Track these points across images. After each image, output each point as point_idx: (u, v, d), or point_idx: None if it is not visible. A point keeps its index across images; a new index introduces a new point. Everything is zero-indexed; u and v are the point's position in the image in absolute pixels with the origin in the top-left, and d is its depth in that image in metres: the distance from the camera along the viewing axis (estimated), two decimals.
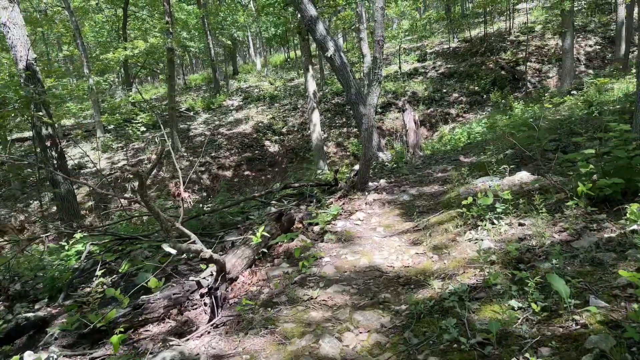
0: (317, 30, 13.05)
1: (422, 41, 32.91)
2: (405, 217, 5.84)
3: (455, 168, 7.99)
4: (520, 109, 17.82)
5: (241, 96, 28.93)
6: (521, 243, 4.02)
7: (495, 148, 8.25)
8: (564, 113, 13.09)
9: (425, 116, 24.33)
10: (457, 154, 9.67)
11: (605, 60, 24.75)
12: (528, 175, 5.95)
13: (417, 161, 10.04)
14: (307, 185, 7.89)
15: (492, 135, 11.66)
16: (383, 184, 7.75)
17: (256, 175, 22.54)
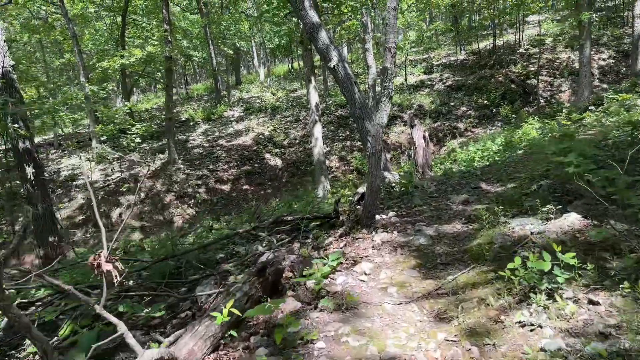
0: (319, 39, 11.77)
1: (429, 53, 31.66)
2: (423, 271, 4.48)
3: (478, 199, 6.62)
4: (533, 125, 16.49)
5: (242, 107, 27.68)
6: (607, 343, 2.66)
7: (526, 176, 6.88)
8: (590, 132, 11.73)
9: (432, 130, 22.99)
10: (475, 178, 8.29)
11: (619, 75, 23.40)
12: (580, 219, 4.60)
13: (429, 186, 8.68)
14: (302, 218, 6.53)
15: (514, 157, 10.29)
16: (392, 217, 6.39)
17: (255, 190, 21.21)
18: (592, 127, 12.41)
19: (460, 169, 11.60)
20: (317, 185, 17.45)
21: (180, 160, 21.87)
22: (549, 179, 6.37)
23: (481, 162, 12.15)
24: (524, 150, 12.65)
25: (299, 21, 28.80)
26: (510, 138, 13.49)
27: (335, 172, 21.89)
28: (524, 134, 15.47)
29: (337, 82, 12.28)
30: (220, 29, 27.26)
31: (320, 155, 17.40)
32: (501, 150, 12.35)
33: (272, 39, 35.16)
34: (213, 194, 20.67)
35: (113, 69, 21.87)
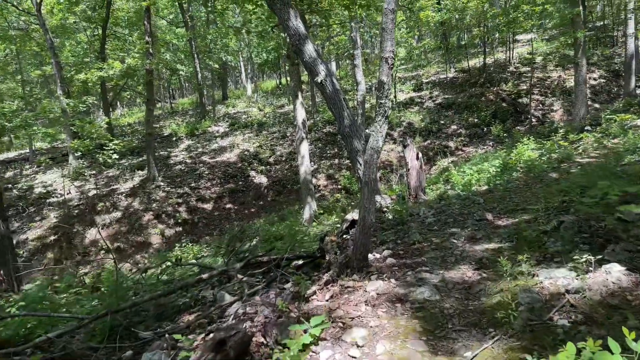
0: (305, 51, 10.82)
1: (418, 70, 31.00)
2: (432, 342, 3.44)
3: (487, 235, 5.62)
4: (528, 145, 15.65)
5: (228, 122, 26.64)
6: None
7: (539, 208, 5.91)
8: (593, 154, 10.88)
9: (422, 149, 22.11)
10: (478, 207, 7.32)
11: (610, 94, 22.83)
12: (626, 272, 3.62)
13: (426, 214, 7.69)
14: (281, 259, 5.45)
15: (514, 181, 9.36)
16: (388, 258, 5.36)
17: (239, 209, 20.09)
18: (593, 149, 11.57)
19: (456, 192, 10.64)
20: (304, 205, 16.40)
21: (161, 177, 20.71)
22: (569, 213, 5.40)
23: (479, 186, 11.21)
24: (521, 172, 11.77)
25: (285, 35, 27.95)
26: (507, 159, 12.59)
27: (322, 191, 20.87)
28: (519, 154, 14.62)
29: (324, 98, 11.33)
30: (205, 42, 26.30)
31: (306, 174, 16.39)
32: (499, 173, 11.44)
33: (260, 54, 34.35)
34: (194, 214, 19.51)
35: (92, 82, 20.77)
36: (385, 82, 4.59)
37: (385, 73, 4.57)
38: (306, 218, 16.17)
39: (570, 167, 9.40)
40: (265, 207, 20.23)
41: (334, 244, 6.35)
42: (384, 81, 4.59)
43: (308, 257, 5.64)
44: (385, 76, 4.57)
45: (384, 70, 4.58)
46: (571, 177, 7.63)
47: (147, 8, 20.06)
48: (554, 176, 8.71)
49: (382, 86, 4.64)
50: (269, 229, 16.37)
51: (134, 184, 20.55)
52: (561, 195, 6.54)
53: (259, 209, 20.07)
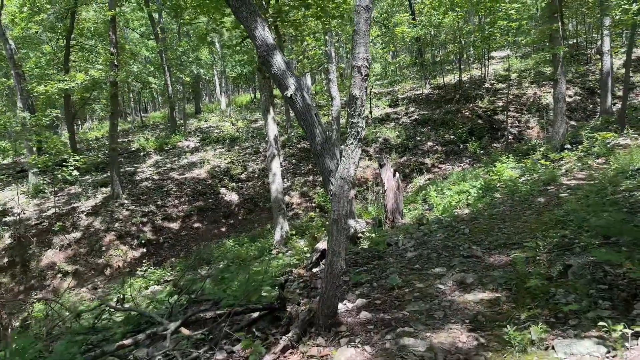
0: (274, 63, 9.85)
1: (393, 86, 30.40)
2: None
3: (479, 280, 4.67)
4: (507, 164, 14.95)
5: (199, 137, 25.45)
6: None
7: (536, 244, 5.00)
8: (579, 175, 10.14)
9: (398, 165, 21.33)
10: (464, 239, 6.40)
11: (586, 111, 22.50)
12: None
13: (405, 245, 6.75)
14: (228, 315, 4.36)
15: (499, 205, 8.50)
16: (362, 311, 4.34)
17: (208, 228, 18.88)
18: (579, 169, 10.85)
19: (436, 216, 9.75)
20: (275, 225, 15.32)
21: (125, 195, 19.37)
22: (574, 253, 4.51)
23: (459, 208, 10.35)
24: (503, 193, 10.98)
25: None
26: (488, 180, 11.79)
27: (296, 209, 19.83)
28: (498, 173, 13.89)
29: (295, 114, 10.40)
30: (176, 54, 25.17)
31: (278, 193, 15.34)
32: (480, 195, 10.60)
33: (234, 68, 33.34)
34: (159, 234, 18.21)
35: (53, 94, 19.40)
36: (357, 96, 3.64)
37: (358, 85, 3.62)
38: (277, 239, 15.09)
39: (559, 191, 8.59)
40: (236, 226, 19.07)
41: (300, 284, 5.35)
42: (357, 95, 3.64)
43: (265, 309, 4.57)
44: (358, 89, 3.62)
45: (356, 81, 3.63)
46: (565, 205, 6.78)
47: (113, 18, 18.88)
48: (542, 201, 7.88)
49: (354, 101, 3.69)
50: (237, 251, 15.26)
51: (96, 202, 19.16)
52: (558, 227, 5.67)
53: (229, 228, 18.89)
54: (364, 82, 3.67)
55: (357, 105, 3.71)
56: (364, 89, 3.67)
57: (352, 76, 3.71)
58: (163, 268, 15.85)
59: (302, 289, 5.70)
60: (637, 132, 14.17)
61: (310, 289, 5.58)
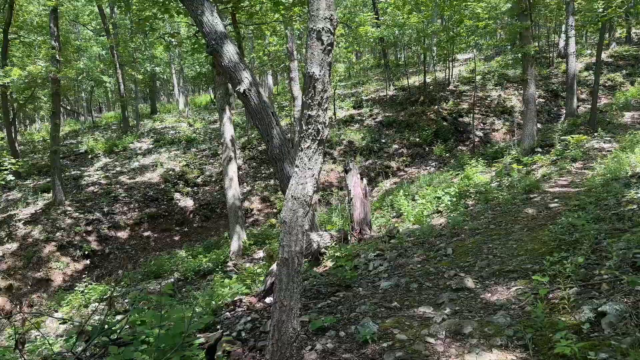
0: (224, 54, 8.51)
1: (358, 87, 29.40)
2: None
3: (480, 327, 3.51)
4: (477, 168, 14.08)
5: (153, 138, 23.67)
6: None
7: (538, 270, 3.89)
8: (561, 181, 9.23)
9: (363, 169, 20.25)
10: (448, 262, 5.25)
11: (550, 114, 22.06)
12: None
13: (379, 268, 5.57)
14: None
15: (481, 214, 7.42)
16: None
17: (159, 237, 17.25)
18: (559, 174, 9.97)
19: (408, 228, 8.63)
20: (231, 235, 13.91)
21: (68, 201, 17.50)
22: (601, 291, 3.40)
23: (431, 217, 9.28)
24: (476, 201, 9.99)
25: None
26: (461, 186, 10.77)
27: (256, 215, 18.45)
28: (467, 177, 12.97)
29: (248, 113, 9.08)
30: (128, 51, 23.31)
31: (235, 199, 13.95)
32: (454, 203, 9.55)
33: (193, 66, 31.58)
34: (105, 244, 16.46)
35: None
36: (317, 76, 2.41)
37: (318, 60, 2.39)
38: (234, 250, 13.70)
39: (544, 200, 7.60)
40: (191, 234, 17.52)
41: (247, 323, 4.08)
42: (316, 75, 2.40)
43: None
44: (318, 65, 2.39)
45: (314, 54, 2.39)
46: (561, 218, 5.75)
47: (54, 9, 17.04)
48: (531, 212, 6.84)
49: (312, 84, 2.43)
50: (191, 263, 13.75)
51: (36, 209, 17.22)
52: (563, 249, 4.59)
53: (183, 237, 17.32)
54: (326, 55, 2.43)
55: (317, 90, 2.47)
56: (326, 65, 2.43)
57: (309, 46, 2.46)
58: (106, 283, 14.19)
59: (249, 331, 4.41)
60: (609, 135, 13.55)
61: (260, 333, 4.30)
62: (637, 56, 24.34)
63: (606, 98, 21.65)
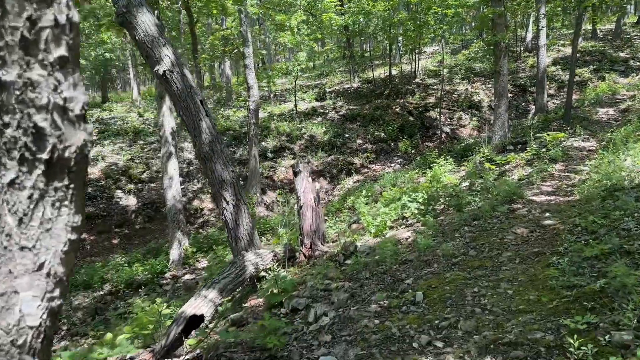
0: (139, 24, 6.62)
1: (322, 79, 27.66)
2: None
3: None
4: (445, 167, 12.64)
5: (97, 129, 21.33)
6: None
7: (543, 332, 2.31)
8: (546, 187, 7.76)
9: (325, 165, 18.62)
10: (419, 319, 3.62)
11: (518, 109, 20.90)
12: None
13: (323, 320, 3.92)
14: None
15: (459, 235, 5.83)
16: None
17: (96, 240, 15.15)
18: (541, 178, 8.53)
19: (369, 243, 6.99)
20: (172, 241, 12.01)
21: None
22: None
23: (399, 230, 7.68)
24: (446, 206, 8.48)
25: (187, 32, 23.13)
26: (428, 190, 9.20)
27: (207, 216, 16.56)
28: (434, 177, 11.49)
29: (171, 99, 7.25)
30: None
31: (176, 201, 12.06)
32: (422, 211, 7.98)
33: None
34: None
35: None
36: None
37: None
38: (174, 259, 11.82)
39: (532, 213, 6.10)
40: (132, 236, 15.49)
41: None
42: None
43: None
44: None
45: None
46: (564, 246, 4.21)
47: None
48: (520, 233, 5.31)
49: None
50: (122, 274, 11.78)
51: None
52: (585, 305, 3.01)
53: (122, 240, 15.28)
54: None
55: None
56: None
57: None
58: None
59: None
60: (587, 133, 12.29)
61: None
62: (604, 52, 23.48)
63: (575, 94, 20.64)
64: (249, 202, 16.51)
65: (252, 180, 16.69)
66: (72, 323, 9.80)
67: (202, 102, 6.59)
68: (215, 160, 6.61)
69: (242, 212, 6.79)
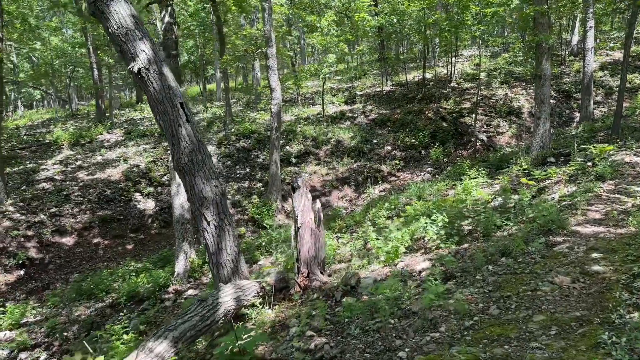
0: (112, 14, 5.60)
1: (353, 82, 26.50)
2: None
3: None
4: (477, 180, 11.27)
5: (124, 130, 20.97)
6: None
7: None
8: (592, 213, 6.38)
9: (350, 172, 17.49)
10: None
11: (562, 117, 19.10)
12: None
13: None
14: None
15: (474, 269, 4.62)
16: None
17: (110, 245, 14.58)
18: (586, 201, 7.11)
19: (375, 276, 5.86)
20: (177, 253, 11.18)
21: (11, 200, 14.87)
22: None
23: (415, 257, 6.50)
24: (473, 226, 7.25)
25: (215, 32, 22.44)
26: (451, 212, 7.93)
27: None
28: (465, 191, 10.18)
29: (148, 101, 6.31)
30: (99, 30, 20.55)
31: (184, 210, 11.23)
32: (443, 237, 6.76)
33: (180, 53, 28.73)
34: (47, 251, 13.83)
35: None
36: None
37: None
38: (179, 271, 10.97)
39: (577, 252, 4.80)
40: (147, 242, 14.84)
41: None
42: None
43: None
44: None
45: None
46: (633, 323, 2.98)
47: None
48: (559, 282, 4.05)
49: None
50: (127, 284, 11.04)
51: None
52: None
53: (137, 245, 14.65)
54: None
55: None
56: None
57: None
58: (27, 303, 11.55)
59: None
60: None
61: None
62: None
63: (626, 101, 18.65)
64: (269, 209, 15.59)
65: (273, 186, 15.76)
66: (65, 338, 9.08)
67: (182, 106, 5.62)
68: (196, 173, 5.63)
69: (226, 234, 5.78)
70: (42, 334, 9.65)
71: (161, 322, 8.58)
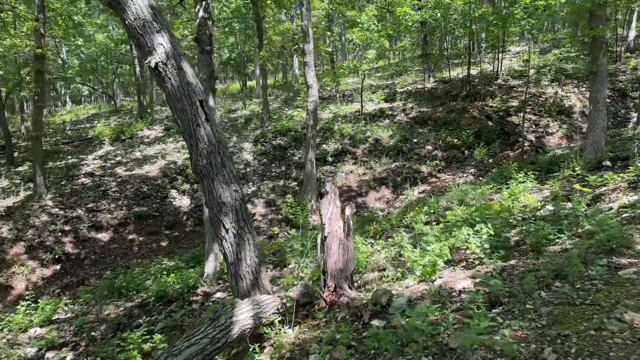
0: (128, 5, 5.31)
1: (395, 78, 25.65)
2: None
3: None
4: (525, 184, 10.37)
5: (164, 126, 21.05)
6: None
7: None
8: None
9: (388, 172, 16.77)
10: None
11: (617, 117, 17.64)
12: None
13: None
14: None
15: (531, 293, 3.93)
16: None
17: (145, 241, 14.52)
18: None
19: (410, 295, 5.25)
20: (207, 253, 10.86)
21: (50, 195, 15.08)
22: None
23: (455, 271, 5.83)
24: (522, 237, 6.50)
25: (255, 29, 22.26)
26: (498, 222, 7.16)
27: (259, 222, 15.40)
28: (512, 196, 9.35)
29: (166, 97, 5.90)
30: None
31: None
32: (489, 252, 6.05)
33: (221, 50, 28.82)
34: (83, 246, 13.91)
35: None
36: None
37: None
38: (209, 272, 10.64)
39: None
40: (181, 239, 14.70)
41: None
42: None
43: None
44: None
45: None
46: None
47: None
48: (629, 320, 3.32)
49: None
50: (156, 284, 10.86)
51: (15, 202, 14.91)
52: None
53: (171, 243, 14.53)
54: None
55: None
56: None
57: None
58: (62, 297, 11.57)
59: None
60: None
61: None
62: None
63: None
64: (303, 209, 15.14)
65: (308, 185, 15.28)
66: (92, 338, 8.92)
67: (202, 104, 5.16)
68: (214, 176, 5.16)
69: (246, 243, 5.30)
70: (71, 333, 9.52)
71: (187, 326, 8.28)
